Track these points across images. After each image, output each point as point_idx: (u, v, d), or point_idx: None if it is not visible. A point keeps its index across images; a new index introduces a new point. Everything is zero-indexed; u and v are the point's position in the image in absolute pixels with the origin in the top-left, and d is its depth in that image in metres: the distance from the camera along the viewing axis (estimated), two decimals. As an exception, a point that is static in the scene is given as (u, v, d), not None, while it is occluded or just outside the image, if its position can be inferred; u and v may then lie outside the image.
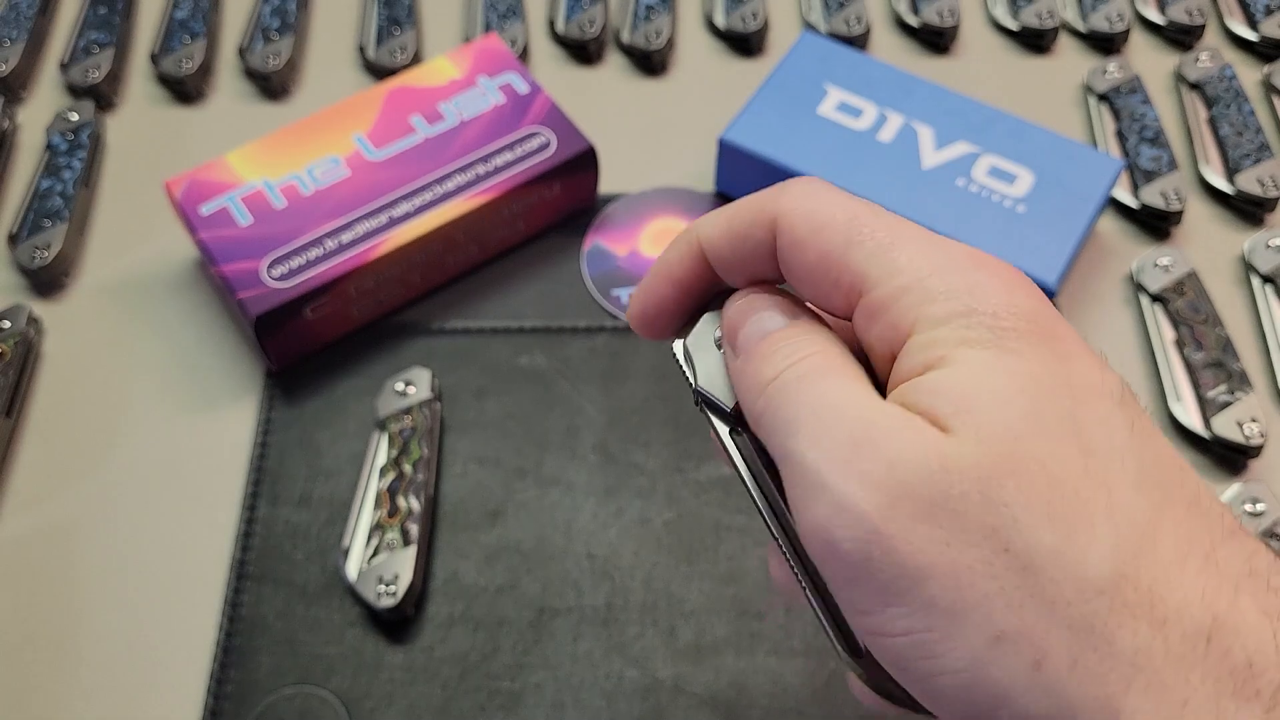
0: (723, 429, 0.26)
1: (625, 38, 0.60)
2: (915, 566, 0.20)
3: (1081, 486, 0.20)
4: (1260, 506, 0.43)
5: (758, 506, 0.26)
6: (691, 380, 0.27)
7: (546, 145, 0.51)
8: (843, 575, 0.21)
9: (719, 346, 0.27)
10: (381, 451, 0.45)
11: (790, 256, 0.25)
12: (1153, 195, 0.52)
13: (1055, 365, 0.21)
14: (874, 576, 0.20)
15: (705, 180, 0.55)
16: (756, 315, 0.25)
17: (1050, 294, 0.46)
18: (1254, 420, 0.45)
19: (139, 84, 0.60)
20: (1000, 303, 0.22)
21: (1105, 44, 0.61)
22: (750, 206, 0.25)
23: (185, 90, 0.59)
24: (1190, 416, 0.46)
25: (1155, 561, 0.20)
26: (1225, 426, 0.45)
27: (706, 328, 0.27)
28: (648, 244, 0.53)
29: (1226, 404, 0.46)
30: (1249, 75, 0.59)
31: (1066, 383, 0.21)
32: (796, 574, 0.25)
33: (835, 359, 0.24)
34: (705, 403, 0.27)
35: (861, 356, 0.25)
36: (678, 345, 0.28)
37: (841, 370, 0.23)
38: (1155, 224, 0.53)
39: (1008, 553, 0.20)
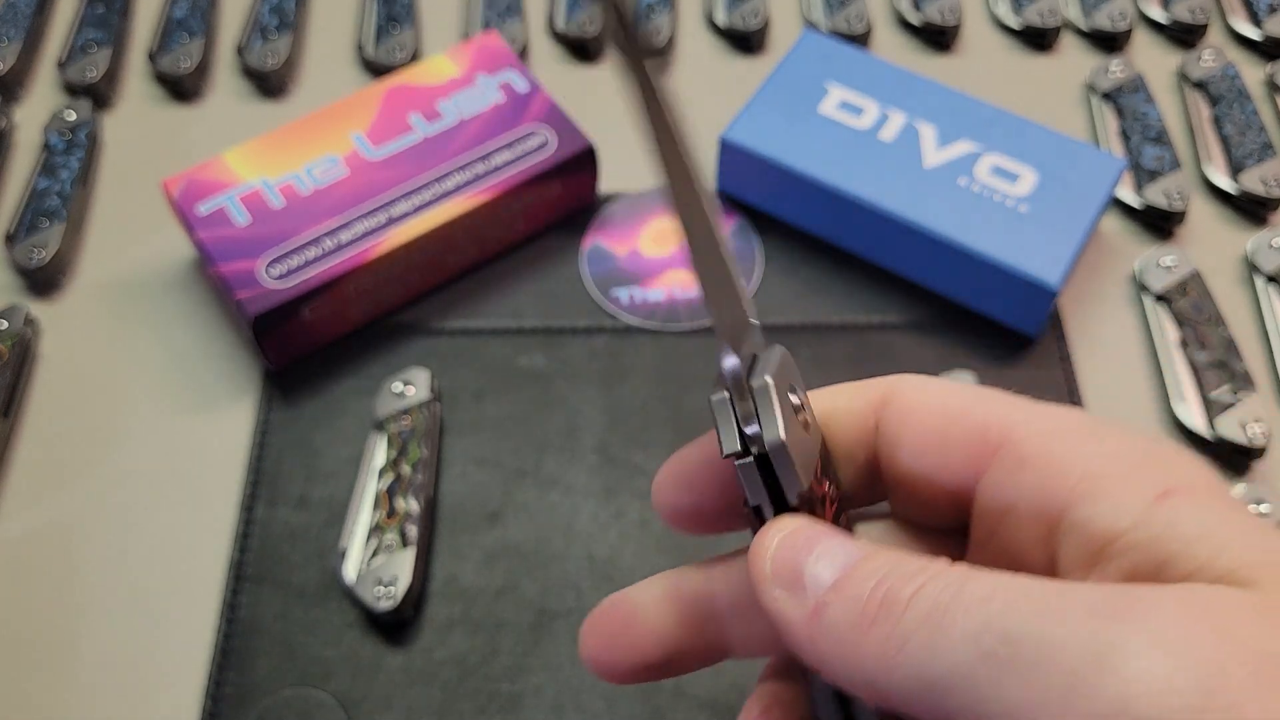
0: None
1: (625, 36, 0.59)
2: None
3: None
4: (1265, 508, 0.43)
5: None
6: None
7: (546, 144, 0.50)
8: None
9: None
10: (380, 453, 0.44)
11: (904, 421, 0.22)
12: (1156, 195, 0.52)
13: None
14: None
15: (706, 180, 0.54)
16: (820, 544, 0.19)
17: (1053, 294, 0.46)
18: (1257, 421, 0.45)
19: (137, 83, 0.59)
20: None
21: (1108, 43, 0.60)
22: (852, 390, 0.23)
23: (183, 89, 0.58)
24: (1194, 417, 0.46)
25: None
26: (1229, 427, 0.45)
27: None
28: (648, 244, 0.52)
29: (1230, 405, 0.45)
30: (1252, 74, 0.59)
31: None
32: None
33: (962, 566, 0.18)
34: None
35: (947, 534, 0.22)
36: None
37: (982, 573, 0.18)
38: (1158, 224, 0.53)
39: None
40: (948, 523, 0.22)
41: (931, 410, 0.21)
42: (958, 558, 0.21)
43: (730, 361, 0.21)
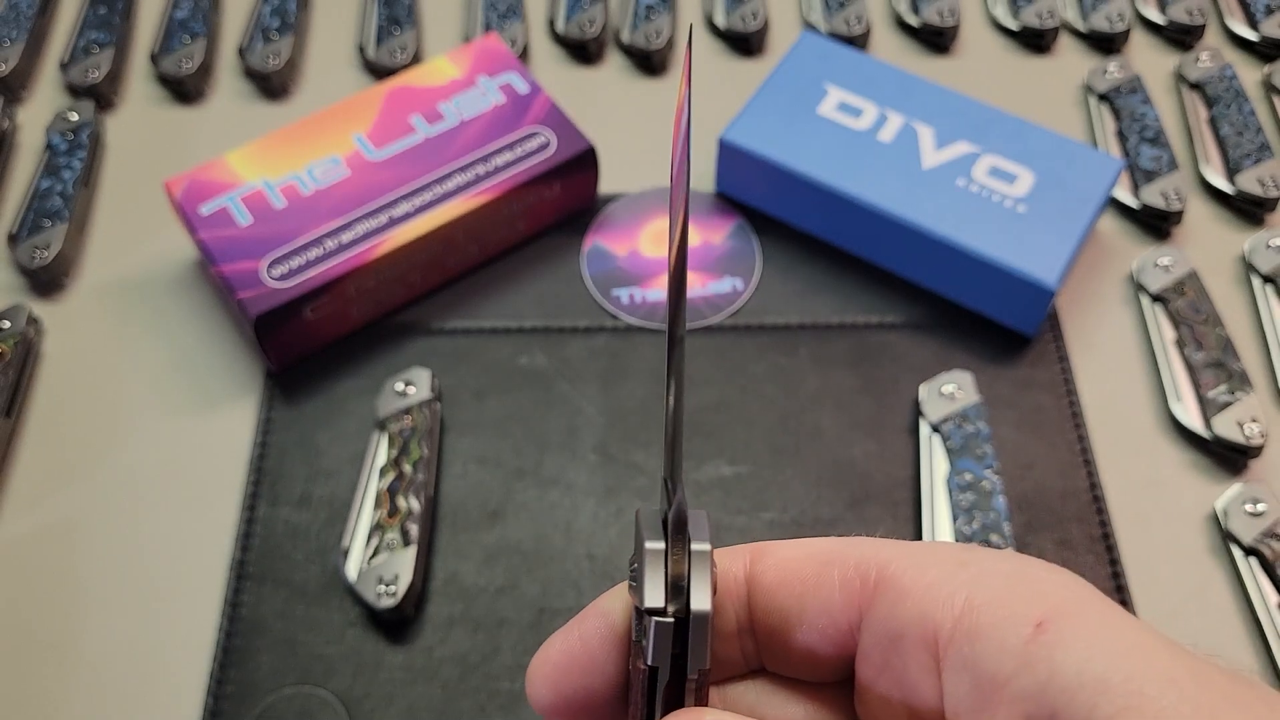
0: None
1: (625, 37, 0.60)
2: None
3: None
4: (1260, 507, 0.43)
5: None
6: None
7: (546, 145, 0.51)
8: None
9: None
10: (381, 452, 0.45)
11: (782, 571, 0.22)
12: (1153, 195, 0.52)
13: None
14: None
15: (705, 180, 0.55)
16: None
17: (1050, 294, 0.46)
18: (1254, 420, 0.45)
19: (139, 84, 0.60)
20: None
21: (1106, 44, 0.61)
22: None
23: (185, 90, 0.59)
24: (1191, 416, 0.46)
25: None
26: (1225, 427, 0.45)
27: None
28: (648, 244, 0.53)
29: (1227, 404, 0.46)
30: (1249, 75, 0.59)
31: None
32: None
33: None
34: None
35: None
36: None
37: None
38: (1156, 224, 0.53)
39: None
40: (826, 675, 0.23)
41: (807, 558, 0.22)
42: (836, 709, 0.22)
43: (679, 513, 0.21)
